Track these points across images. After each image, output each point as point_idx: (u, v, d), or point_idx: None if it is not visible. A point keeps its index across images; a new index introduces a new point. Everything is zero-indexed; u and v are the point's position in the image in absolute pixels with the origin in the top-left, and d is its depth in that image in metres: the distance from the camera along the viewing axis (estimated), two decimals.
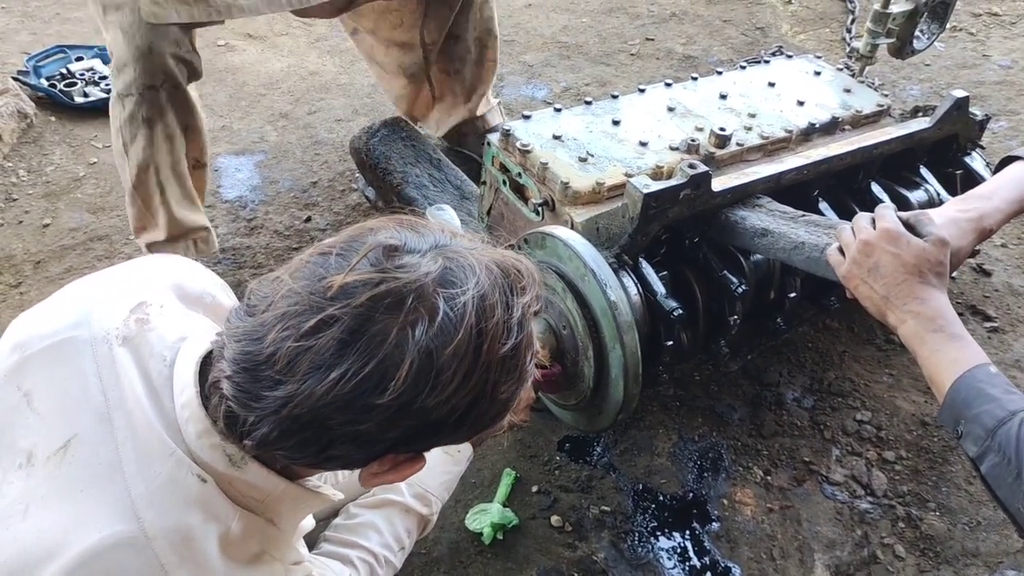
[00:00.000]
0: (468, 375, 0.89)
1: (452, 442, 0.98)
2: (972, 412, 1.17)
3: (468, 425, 0.94)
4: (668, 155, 2.04)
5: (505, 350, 0.92)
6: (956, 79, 3.49)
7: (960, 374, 1.20)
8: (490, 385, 0.92)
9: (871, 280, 1.34)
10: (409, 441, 0.93)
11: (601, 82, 3.54)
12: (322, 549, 1.43)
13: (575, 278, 1.69)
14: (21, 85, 3.35)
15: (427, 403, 0.88)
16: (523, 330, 0.95)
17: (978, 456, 1.16)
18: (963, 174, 2.25)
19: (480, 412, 0.94)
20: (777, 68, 2.48)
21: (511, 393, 0.96)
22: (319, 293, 0.87)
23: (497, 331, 0.91)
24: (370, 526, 1.43)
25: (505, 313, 0.93)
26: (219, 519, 0.98)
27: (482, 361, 0.90)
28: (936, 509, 1.97)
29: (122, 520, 0.93)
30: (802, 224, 1.70)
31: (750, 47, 3.80)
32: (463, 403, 0.91)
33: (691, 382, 2.26)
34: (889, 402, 2.21)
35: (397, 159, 2.59)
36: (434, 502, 1.51)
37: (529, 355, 0.98)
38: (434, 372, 0.87)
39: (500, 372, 0.92)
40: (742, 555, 1.89)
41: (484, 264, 0.93)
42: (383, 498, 1.47)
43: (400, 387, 0.86)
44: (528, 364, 0.98)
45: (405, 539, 1.47)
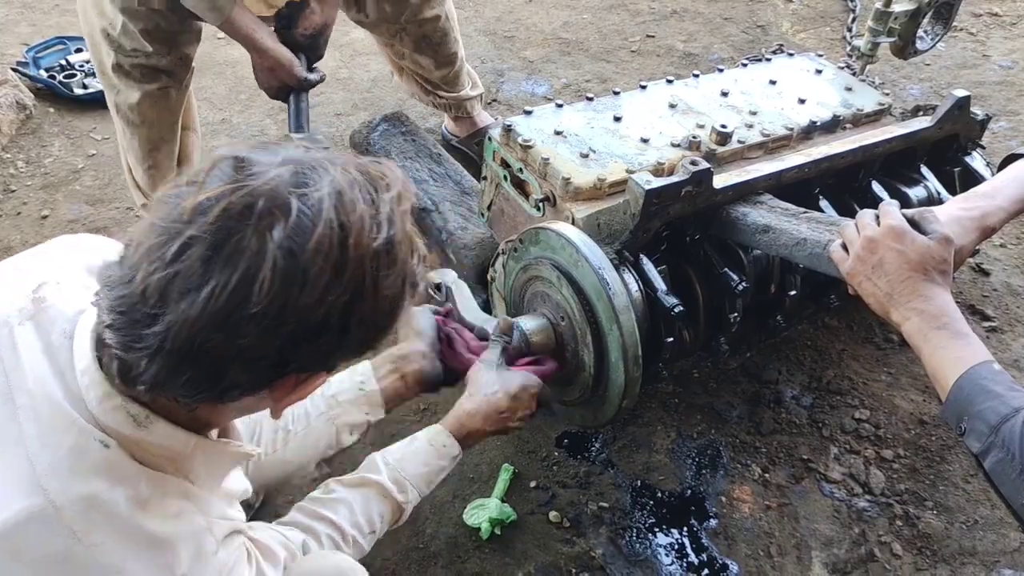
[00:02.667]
0: (338, 270, 0.90)
1: (349, 353, 0.98)
2: (975, 409, 1.17)
3: (356, 328, 0.94)
4: (669, 152, 2.03)
5: (378, 244, 0.92)
6: (956, 79, 3.49)
7: (963, 371, 1.20)
8: (368, 281, 0.93)
9: (875, 277, 1.34)
10: (301, 355, 0.92)
11: (602, 79, 3.53)
12: (289, 518, 1.42)
13: (569, 266, 1.69)
14: (20, 76, 3.34)
15: (301, 303, 0.88)
16: (394, 225, 0.95)
17: (981, 452, 1.16)
18: (963, 173, 2.25)
19: (364, 312, 0.94)
20: (778, 66, 2.48)
21: (396, 291, 0.97)
22: (176, 219, 0.87)
23: (363, 224, 0.92)
24: (343, 502, 1.43)
25: (370, 208, 0.93)
26: (127, 482, 0.97)
27: (351, 255, 0.90)
28: (934, 508, 1.97)
29: (28, 495, 0.93)
30: (804, 221, 1.70)
31: (751, 45, 3.79)
32: (341, 301, 0.91)
33: (690, 379, 2.26)
34: (887, 401, 2.21)
35: (397, 153, 2.58)
36: (411, 491, 1.50)
37: (411, 252, 0.98)
38: (300, 270, 0.87)
39: (377, 267, 0.93)
40: (740, 552, 1.89)
41: (339, 166, 0.94)
42: (362, 477, 1.47)
43: (268, 290, 0.86)
44: (412, 262, 0.99)
45: (377, 523, 1.46)
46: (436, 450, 1.54)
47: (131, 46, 2.18)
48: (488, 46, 3.76)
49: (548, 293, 1.75)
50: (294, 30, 2.29)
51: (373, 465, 1.50)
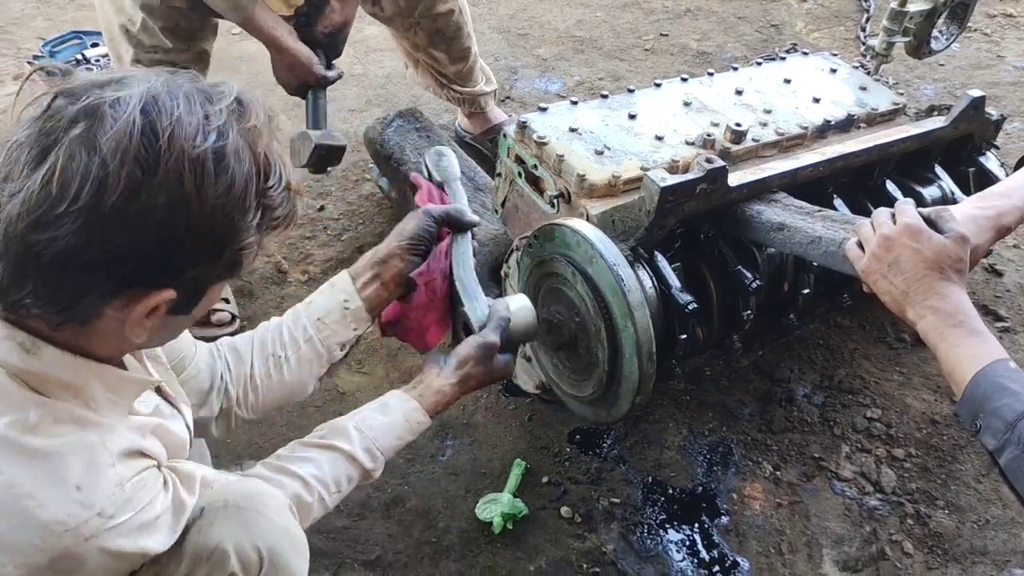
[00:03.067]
0: (145, 169, 0.93)
1: (187, 264, 1.00)
2: (991, 406, 1.17)
3: (186, 236, 0.97)
4: (684, 150, 2.04)
5: (198, 150, 0.95)
6: (970, 79, 3.49)
7: (979, 369, 1.21)
8: (189, 187, 0.95)
9: (891, 275, 1.34)
10: (129, 261, 0.95)
11: (615, 77, 3.54)
12: (253, 471, 1.40)
13: (583, 262, 1.70)
14: None
15: (110, 202, 0.91)
16: (226, 136, 0.98)
17: (997, 449, 1.17)
18: (977, 173, 2.25)
19: (191, 220, 0.96)
20: (793, 65, 2.48)
21: (229, 203, 0.99)
22: (10, 132, 0.96)
23: (179, 128, 0.95)
24: (310, 460, 1.41)
25: (193, 116, 0.96)
26: (12, 408, 1.00)
27: (163, 156, 0.93)
28: (945, 507, 1.97)
29: None
30: (818, 219, 1.71)
31: (764, 44, 3.79)
32: (155, 203, 0.93)
33: (702, 377, 2.27)
34: (899, 400, 2.21)
35: (411, 149, 2.59)
36: (379, 459, 1.47)
37: (257, 170, 1.02)
38: (100, 166, 0.91)
39: (201, 174, 0.95)
40: (751, 549, 1.90)
41: (165, 79, 0.99)
42: (330, 442, 1.44)
43: (73, 186, 0.91)
44: (259, 180, 1.02)
45: (344, 484, 1.43)
46: (410, 426, 1.51)
47: (150, 42, 2.20)
48: (502, 43, 3.77)
49: (562, 289, 1.76)
50: (314, 27, 2.31)
51: (343, 431, 1.46)
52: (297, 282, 2.56)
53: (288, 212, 1.09)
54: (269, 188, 1.04)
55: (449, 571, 1.85)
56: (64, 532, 0.99)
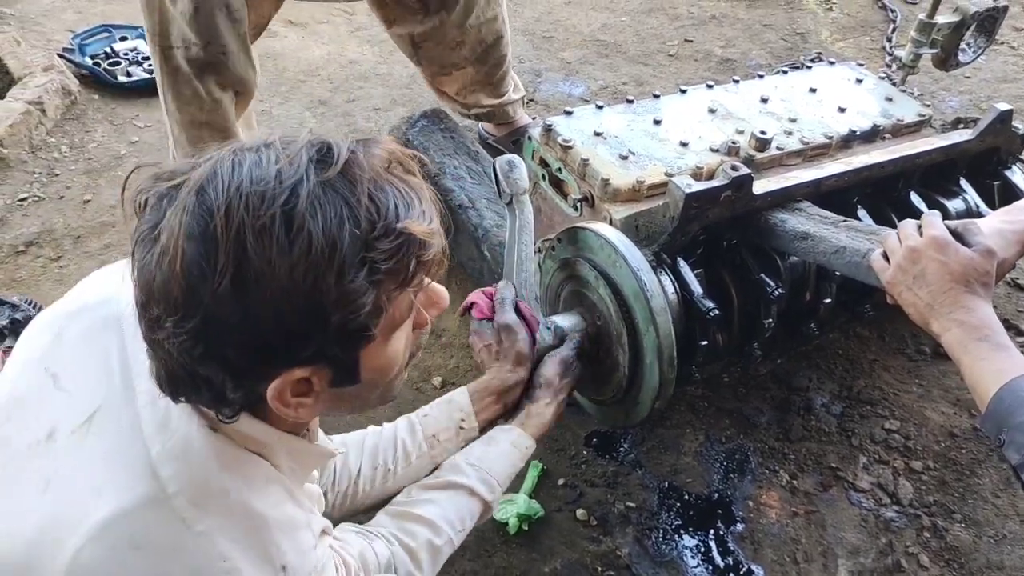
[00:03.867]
0: (207, 257, 0.84)
1: (294, 345, 0.89)
2: (1016, 420, 1.17)
3: (276, 319, 0.86)
4: (708, 156, 2.04)
5: (262, 219, 0.84)
6: (996, 92, 3.47)
7: (1004, 383, 1.21)
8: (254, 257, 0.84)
9: (916, 287, 1.34)
10: (227, 348, 0.87)
11: (639, 82, 3.54)
12: (375, 521, 1.42)
13: (607, 266, 1.70)
14: (66, 63, 3.40)
15: (185, 298, 0.85)
16: (297, 194, 0.85)
17: (1021, 464, 1.17)
18: (1002, 187, 2.24)
19: (271, 293, 0.84)
20: (819, 74, 2.48)
21: (312, 272, 0.85)
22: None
23: (236, 200, 0.84)
24: (432, 502, 1.43)
25: (253, 183, 0.86)
26: (233, 465, 0.98)
27: (222, 239, 0.83)
28: (962, 521, 1.97)
29: (142, 481, 0.94)
30: (843, 229, 1.70)
31: (789, 52, 3.79)
32: (223, 283, 0.83)
33: (720, 384, 2.27)
34: (918, 412, 2.20)
35: (435, 150, 2.61)
36: (496, 489, 1.50)
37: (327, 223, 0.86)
38: (166, 251, 0.85)
39: (266, 242, 0.84)
40: (766, 557, 1.90)
41: (234, 148, 0.91)
42: (447, 480, 1.46)
43: (158, 279, 0.85)
44: (335, 237, 0.86)
45: (468, 521, 1.46)
46: (520, 452, 1.55)
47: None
48: (527, 46, 3.78)
49: (585, 292, 1.77)
50: None
51: (457, 468, 1.49)
52: None
53: (408, 260, 0.91)
54: (375, 238, 0.88)
55: (464, 570, 1.86)
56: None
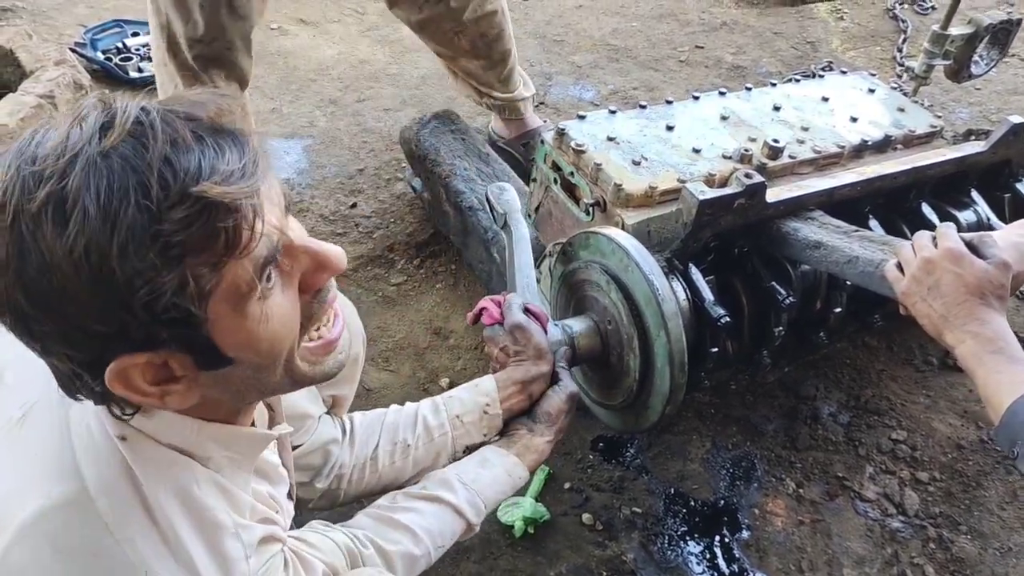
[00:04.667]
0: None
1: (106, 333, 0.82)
2: None
3: (76, 306, 0.79)
4: (720, 163, 2.04)
5: (35, 203, 0.78)
6: (1007, 104, 3.47)
7: (1018, 396, 1.21)
8: (34, 251, 0.78)
9: (930, 299, 1.34)
10: (63, 346, 0.84)
11: (649, 87, 3.54)
12: (354, 522, 1.40)
13: (619, 271, 1.70)
14: (78, 57, 3.40)
15: (3, 284, 0.80)
16: (68, 174, 0.78)
17: None
18: (1013, 199, 2.24)
19: (62, 284, 0.78)
20: (831, 83, 2.48)
21: (93, 253, 0.77)
22: None
23: (11, 186, 0.80)
24: (415, 511, 1.40)
25: (29, 165, 0.80)
26: (156, 472, 0.94)
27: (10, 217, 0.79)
28: (968, 532, 1.97)
29: (66, 480, 0.91)
30: (855, 239, 1.71)
31: (799, 61, 3.79)
32: (15, 279, 0.79)
33: (727, 391, 2.27)
34: (925, 423, 2.20)
35: (446, 151, 2.61)
36: (483, 513, 1.46)
37: (99, 201, 0.77)
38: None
39: (34, 228, 0.78)
40: (771, 565, 1.90)
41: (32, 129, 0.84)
42: (435, 494, 1.43)
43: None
44: (115, 215, 0.77)
45: (448, 539, 1.42)
46: (513, 482, 1.52)
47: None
48: (537, 49, 3.79)
49: (596, 297, 1.77)
50: None
51: (447, 483, 1.45)
52: None
53: (213, 227, 0.81)
54: (168, 207, 0.78)
55: (469, 572, 1.86)
56: None
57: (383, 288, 2.59)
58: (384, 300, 2.55)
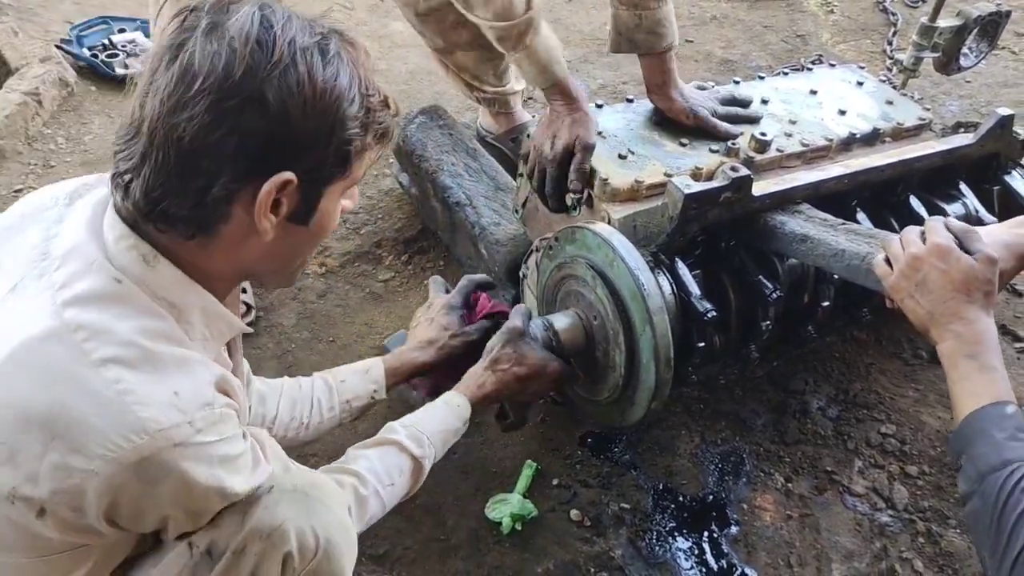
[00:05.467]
0: (267, 51, 1.02)
1: (304, 151, 1.07)
2: (973, 451, 1.19)
3: (300, 119, 1.04)
4: (708, 157, 2.04)
5: (308, 42, 1.05)
6: (997, 97, 3.46)
7: (974, 409, 1.21)
8: (303, 70, 1.03)
9: (917, 295, 1.33)
10: (255, 145, 1.02)
11: (638, 81, 3.48)
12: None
13: (604, 266, 1.70)
14: (64, 54, 3.38)
15: (240, 78, 1.00)
16: (328, 40, 1.08)
17: (965, 495, 1.20)
18: (1002, 192, 2.23)
19: (306, 101, 1.03)
20: (820, 76, 2.47)
21: (337, 90, 1.06)
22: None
23: (289, 24, 1.05)
24: (362, 457, 1.50)
25: (297, 19, 1.07)
26: (136, 314, 1.05)
27: (279, 41, 1.03)
28: (957, 526, 1.96)
29: (47, 319, 1.02)
30: (842, 232, 1.70)
31: (790, 54, 3.78)
32: (278, 80, 1.02)
33: (716, 386, 2.26)
34: (914, 417, 2.20)
35: (433, 147, 2.60)
36: (427, 446, 1.57)
37: (345, 67, 1.08)
38: (226, 47, 1.01)
39: (309, 61, 1.04)
40: (759, 560, 1.89)
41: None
42: (379, 437, 1.56)
43: (205, 66, 1.00)
44: (351, 78, 1.09)
45: (396, 475, 1.52)
46: (451, 410, 1.64)
47: None
48: None
49: (581, 292, 1.76)
50: None
51: (389, 428, 1.58)
52: (315, 274, 2.57)
53: (387, 123, 1.15)
54: (370, 94, 1.11)
55: (456, 569, 1.85)
56: (157, 432, 1.01)
57: (371, 284, 2.57)
58: (372, 296, 2.54)
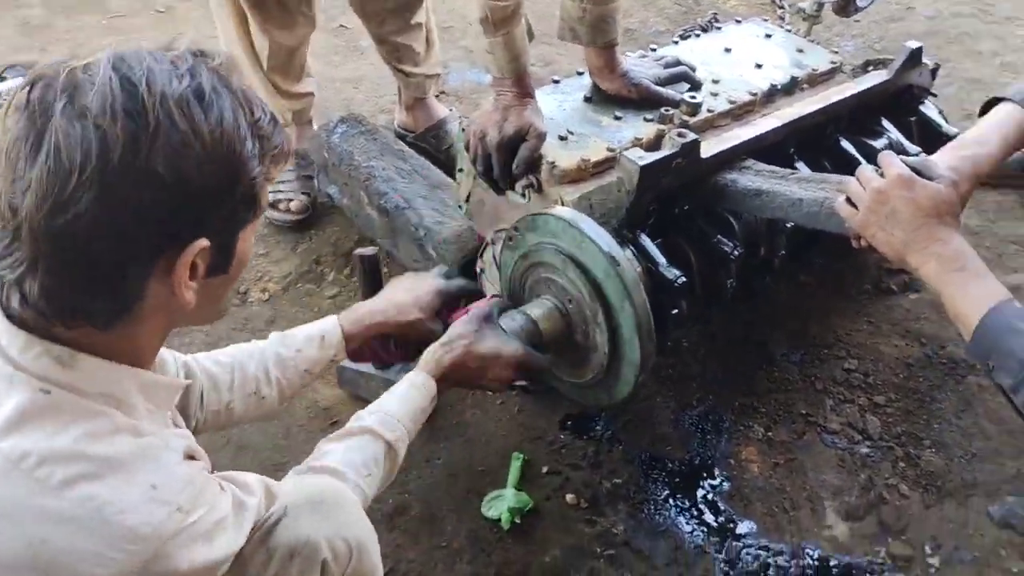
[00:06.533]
0: (136, 118, 0.94)
1: (206, 208, 1.01)
2: (1005, 346, 1.22)
3: (196, 176, 0.97)
4: (644, 127, 2.05)
5: (178, 91, 0.96)
6: (887, 33, 3.60)
7: (987, 310, 1.25)
8: (185, 128, 0.96)
9: (888, 227, 1.37)
10: (151, 218, 0.96)
11: (545, 61, 3.54)
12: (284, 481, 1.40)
13: (572, 248, 1.68)
14: None
15: (120, 159, 0.92)
16: (197, 76, 1.00)
17: (1013, 387, 1.22)
18: (919, 122, 2.32)
19: (199, 161, 0.97)
20: (730, 33, 2.52)
21: (226, 135, 1.00)
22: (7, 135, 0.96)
23: (153, 75, 0.96)
24: (331, 452, 1.44)
25: (157, 64, 0.98)
26: (73, 422, 0.99)
27: (147, 101, 0.94)
28: (931, 446, 2.04)
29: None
30: (793, 181, 1.74)
31: (685, 16, 3.85)
32: (161, 150, 0.94)
33: (680, 350, 2.29)
34: (872, 348, 2.27)
35: (360, 154, 2.54)
36: (398, 427, 1.50)
37: (241, 104, 1.03)
38: (93, 128, 0.92)
39: (188, 114, 0.96)
40: (756, 510, 1.93)
41: (121, 46, 1.01)
42: (348, 428, 1.49)
43: (76, 155, 0.91)
44: (244, 113, 1.03)
45: (372, 464, 1.45)
46: (416, 389, 1.57)
47: None
48: None
49: (552, 278, 1.75)
50: None
51: (357, 417, 1.52)
52: (258, 301, 2.50)
53: (281, 142, 1.10)
54: (257, 120, 1.05)
55: (464, 573, 1.83)
56: (151, 533, 0.98)
57: (318, 303, 2.51)
58: (321, 315, 2.42)
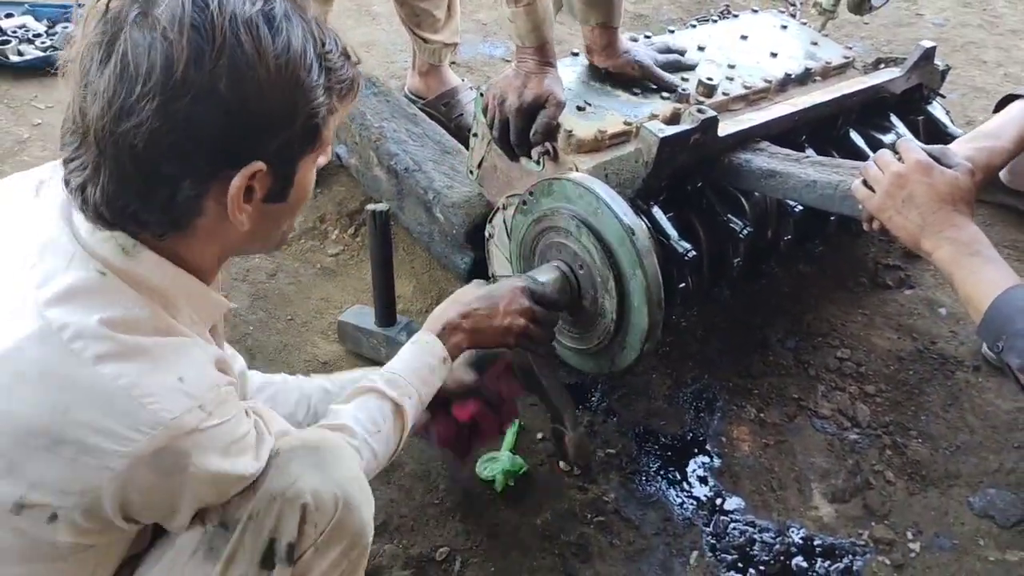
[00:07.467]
0: (205, 34, 0.94)
1: (265, 132, 1.00)
2: (1015, 327, 1.25)
3: (255, 100, 0.97)
4: (660, 104, 2.07)
5: (249, 13, 0.97)
6: (895, 36, 3.64)
7: (999, 293, 1.28)
8: (250, 49, 0.96)
9: (905, 210, 1.41)
10: (212, 137, 0.97)
11: (557, 40, 3.49)
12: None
13: (588, 214, 1.70)
14: None
15: (183, 73, 0.93)
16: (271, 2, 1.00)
17: (1022, 367, 1.25)
18: (926, 121, 2.36)
19: (261, 83, 0.97)
20: (746, 22, 2.55)
21: (290, 63, 0.99)
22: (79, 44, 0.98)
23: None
24: (341, 411, 1.41)
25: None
26: (123, 305, 1.01)
27: (216, 20, 0.94)
28: (918, 436, 2.09)
29: (29, 321, 0.98)
30: (808, 164, 1.77)
31: (698, 6, 3.87)
32: (225, 68, 0.95)
33: (679, 328, 2.32)
34: (865, 339, 2.32)
35: (372, 115, 2.56)
36: (406, 386, 1.47)
37: (296, 28, 1.01)
38: (161, 40, 0.93)
39: (256, 35, 0.97)
40: (744, 488, 1.97)
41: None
42: (355, 388, 1.46)
43: (142, 65, 0.93)
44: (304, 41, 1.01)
45: (380, 421, 1.42)
46: (421, 347, 1.53)
47: None
48: None
49: (564, 243, 1.77)
50: None
51: (364, 378, 1.50)
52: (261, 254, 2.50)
53: (351, 76, 1.09)
54: (327, 52, 1.05)
55: (456, 531, 1.86)
56: (171, 421, 0.98)
57: (320, 260, 2.52)
58: (323, 272, 2.49)
